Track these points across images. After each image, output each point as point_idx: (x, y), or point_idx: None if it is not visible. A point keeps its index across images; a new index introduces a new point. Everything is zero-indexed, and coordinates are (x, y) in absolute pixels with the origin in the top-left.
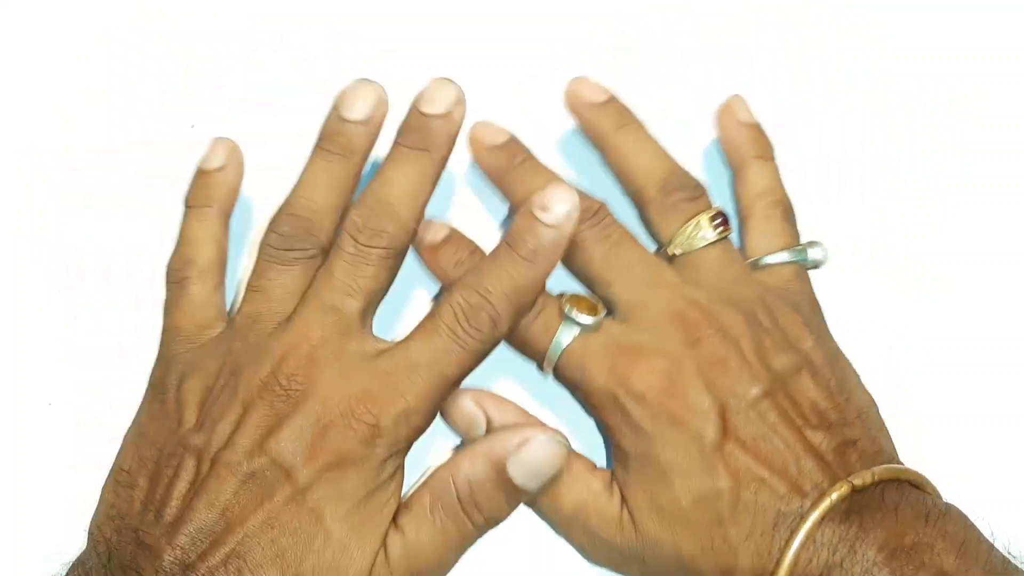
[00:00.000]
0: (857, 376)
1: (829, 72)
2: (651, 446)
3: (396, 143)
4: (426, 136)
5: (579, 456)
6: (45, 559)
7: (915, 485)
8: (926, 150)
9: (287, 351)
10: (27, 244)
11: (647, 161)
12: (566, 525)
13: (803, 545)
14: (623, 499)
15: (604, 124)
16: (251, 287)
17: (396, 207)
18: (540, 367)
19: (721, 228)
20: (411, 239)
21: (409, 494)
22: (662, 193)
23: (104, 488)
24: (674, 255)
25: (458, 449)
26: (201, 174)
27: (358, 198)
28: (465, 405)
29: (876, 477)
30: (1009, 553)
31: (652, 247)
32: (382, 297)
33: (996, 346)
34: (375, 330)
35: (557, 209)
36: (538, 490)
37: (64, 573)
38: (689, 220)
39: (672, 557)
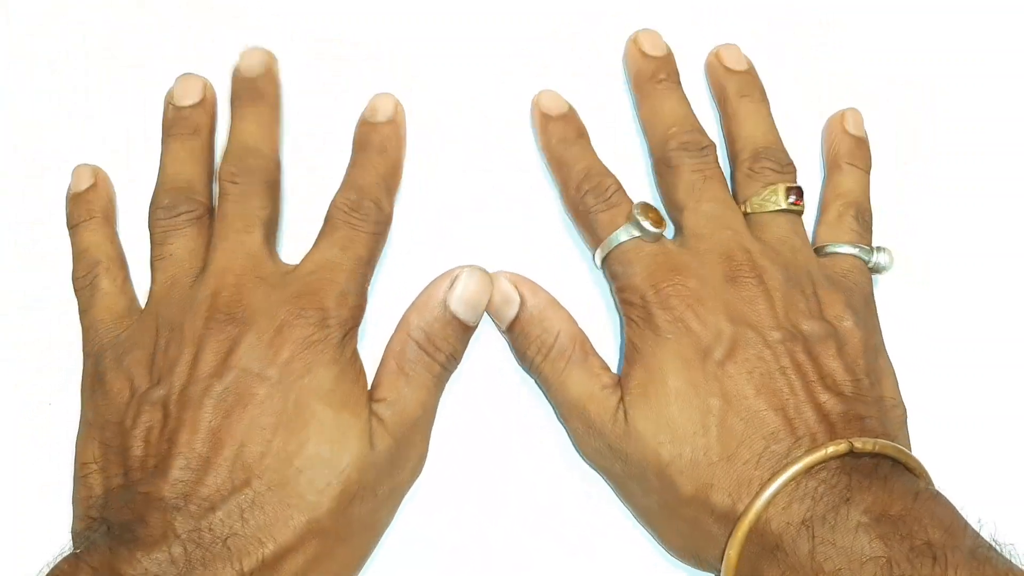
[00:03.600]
0: (895, 381)
1: (823, 71)
2: (659, 345)
3: (234, 105)
4: (254, 90)
5: (597, 355)
6: (45, 559)
7: (912, 471)
8: (923, 149)
9: (216, 289)
10: (28, 244)
11: (753, 131)
12: (568, 409)
13: (785, 486)
14: (623, 393)
15: (731, 89)
16: (156, 259)
17: (255, 147)
18: (593, 256)
19: (794, 200)
20: (279, 171)
21: (375, 374)
22: (753, 158)
23: (73, 493)
24: (746, 213)
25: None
26: (75, 197)
27: (221, 158)
28: (502, 284)
29: (877, 448)
30: (994, 540)
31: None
32: (277, 226)
33: (990, 345)
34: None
35: (384, 108)
36: (477, 320)
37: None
38: (768, 186)
39: (652, 458)
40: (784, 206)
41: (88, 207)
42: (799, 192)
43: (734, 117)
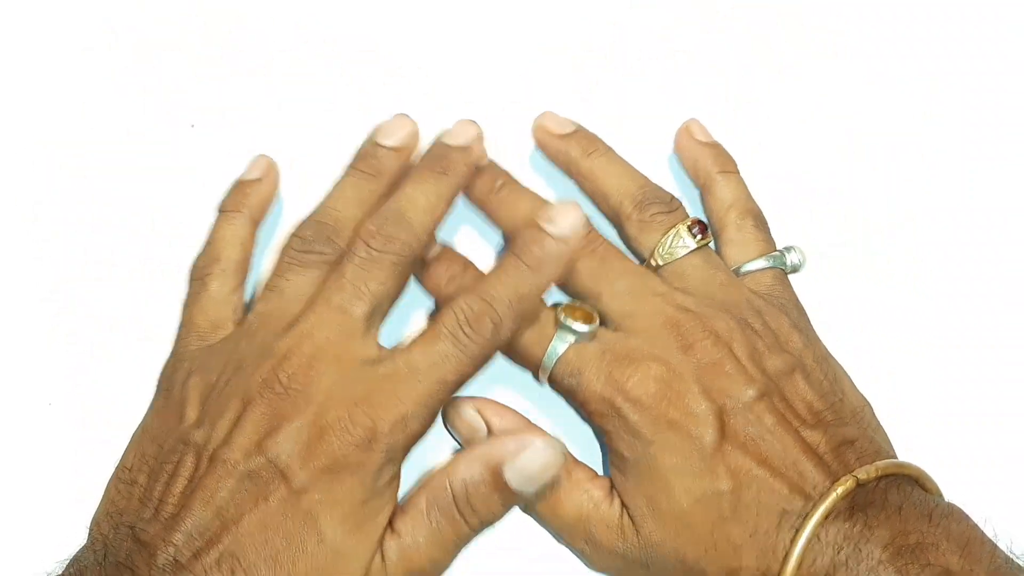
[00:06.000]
0: (848, 377)
1: (802, 74)
2: (650, 450)
3: (417, 167)
4: (447, 162)
5: (580, 464)
6: (45, 559)
7: (916, 480)
8: (909, 148)
9: (290, 350)
10: (27, 244)
11: (619, 181)
12: (568, 532)
13: (808, 543)
14: (623, 505)
15: (574, 152)
16: (268, 287)
17: (410, 218)
18: (536, 376)
19: (701, 236)
20: (422, 251)
21: (405, 497)
22: (638, 209)
23: (108, 485)
24: (657, 266)
25: (457, 452)
26: (238, 184)
27: (376, 212)
28: (466, 412)
29: (880, 472)
30: (1011, 552)
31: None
32: (390, 306)
33: (984, 345)
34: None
35: (562, 222)
36: (533, 495)
37: (60, 572)
38: (668, 231)
39: (676, 561)
40: (694, 246)
41: (243, 199)
42: (702, 226)
43: (590, 176)
